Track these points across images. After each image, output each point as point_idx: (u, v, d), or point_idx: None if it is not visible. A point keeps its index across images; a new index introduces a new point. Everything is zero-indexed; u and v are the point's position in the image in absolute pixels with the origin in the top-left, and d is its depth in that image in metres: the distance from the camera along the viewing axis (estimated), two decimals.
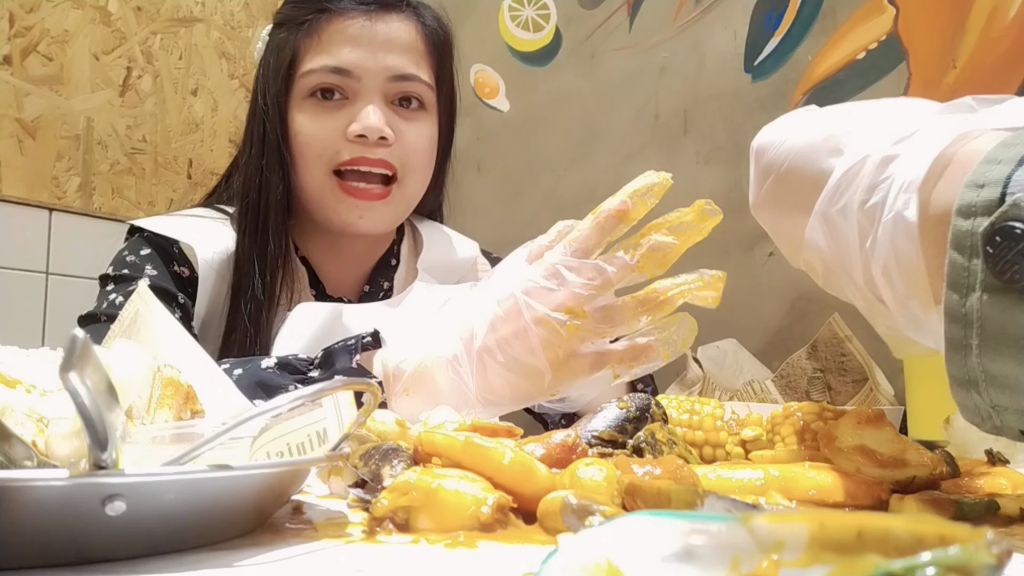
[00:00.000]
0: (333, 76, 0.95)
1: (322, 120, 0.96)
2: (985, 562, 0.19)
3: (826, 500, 0.45)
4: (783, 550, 0.22)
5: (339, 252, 1.05)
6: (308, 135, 0.96)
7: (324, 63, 0.95)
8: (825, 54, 1.38)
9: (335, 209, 0.97)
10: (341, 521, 0.41)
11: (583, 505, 0.36)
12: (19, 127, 1.53)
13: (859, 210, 0.42)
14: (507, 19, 1.77)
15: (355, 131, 0.94)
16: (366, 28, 0.96)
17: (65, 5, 1.59)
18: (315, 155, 0.96)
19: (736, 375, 1.24)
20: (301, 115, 0.96)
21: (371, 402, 0.42)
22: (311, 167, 0.96)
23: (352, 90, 0.96)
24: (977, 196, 0.35)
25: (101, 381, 0.30)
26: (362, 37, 0.96)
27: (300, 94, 0.97)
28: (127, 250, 0.97)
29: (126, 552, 0.32)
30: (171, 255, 0.96)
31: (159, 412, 0.46)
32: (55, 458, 0.37)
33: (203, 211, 1.02)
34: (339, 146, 0.95)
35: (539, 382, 0.66)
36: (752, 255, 1.42)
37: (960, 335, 0.36)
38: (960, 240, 0.35)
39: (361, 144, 0.95)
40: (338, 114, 0.96)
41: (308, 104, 0.96)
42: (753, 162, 0.51)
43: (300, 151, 0.96)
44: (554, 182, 1.69)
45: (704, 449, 0.59)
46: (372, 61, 0.95)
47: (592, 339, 0.66)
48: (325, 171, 0.96)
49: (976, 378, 0.36)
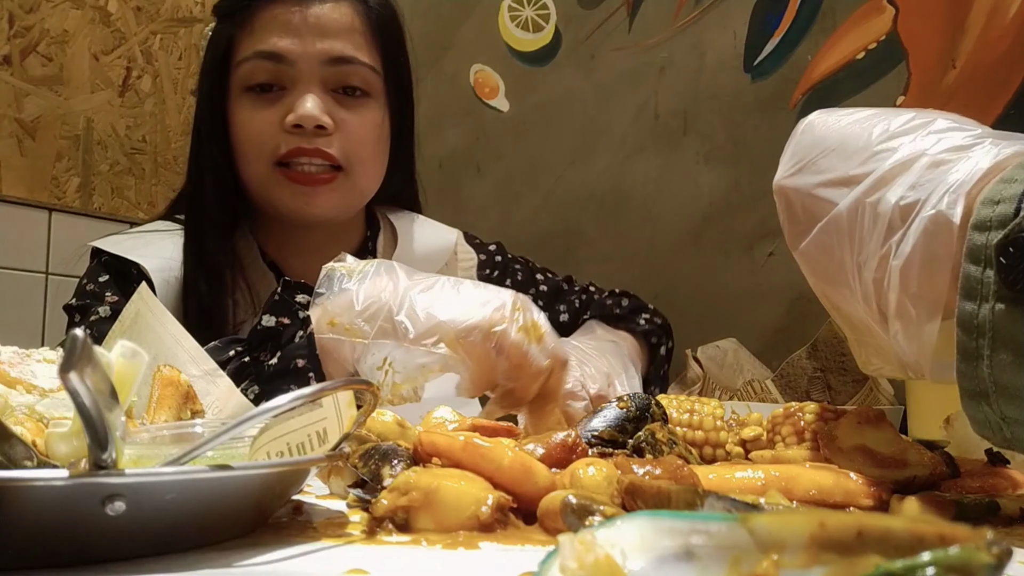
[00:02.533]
0: (266, 63, 0.92)
1: (260, 112, 0.93)
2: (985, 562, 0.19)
3: (826, 500, 0.45)
4: (783, 550, 0.22)
5: (301, 244, 1.01)
6: (247, 129, 0.94)
7: (256, 49, 0.93)
8: (825, 54, 1.38)
9: (281, 197, 0.94)
10: (341, 521, 0.41)
11: (583, 505, 0.36)
12: (19, 127, 1.53)
13: (895, 205, 0.42)
14: (507, 19, 1.77)
15: (291, 121, 0.91)
16: (298, 13, 0.93)
17: (65, 5, 1.59)
18: (255, 149, 0.93)
19: (736, 375, 1.24)
20: (240, 109, 0.94)
21: (371, 402, 0.42)
22: (253, 162, 0.94)
23: (288, 78, 0.93)
24: (993, 212, 0.37)
25: (101, 381, 0.30)
26: (294, 22, 0.93)
27: (238, 87, 0.94)
28: (86, 278, 0.95)
29: (126, 552, 0.32)
30: (128, 276, 0.93)
31: (159, 412, 0.46)
32: (55, 458, 0.37)
33: (161, 224, 1.00)
34: (278, 139, 0.92)
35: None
36: (752, 255, 1.42)
37: (972, 345, 0.36)
38: (975, 253, 0.36)
39: (299, 135, 0.92)
40: (275, 106, 0.93)
41: (246, 97, 0.94)
42: (797, 137, 0.50)
43: (241, 147, 0.94)
44: (554, 182, 1.69)
45: (704, 449, 0.59)
46: (306, 46, 0.92)
47: None
48: (268, 164, 0.93)
49: (987, 389, 0.36)
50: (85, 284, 0.95)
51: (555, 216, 1.67)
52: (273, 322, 0.76)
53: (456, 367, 0.64)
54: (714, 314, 1.43)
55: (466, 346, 0.63)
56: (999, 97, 1.22)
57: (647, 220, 1.55)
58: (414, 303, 0.64)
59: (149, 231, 0.99)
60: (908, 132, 0.45)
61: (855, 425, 0.50)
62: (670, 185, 1.52)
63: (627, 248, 1.56)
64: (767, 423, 0.59)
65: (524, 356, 0.64)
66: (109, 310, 0.90)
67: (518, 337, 0.63)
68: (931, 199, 0.41)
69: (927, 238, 0.40)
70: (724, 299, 1.45)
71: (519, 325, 0.64)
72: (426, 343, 0.63)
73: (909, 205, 0.42)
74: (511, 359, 0.63)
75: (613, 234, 1.59)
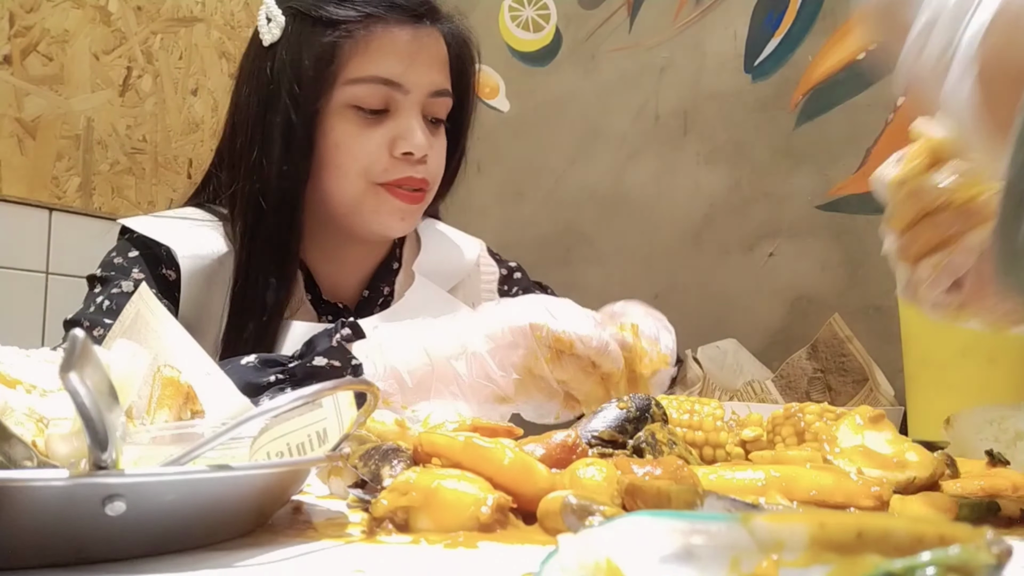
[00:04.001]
0: (382, 87, 0.92)
1: (365, 133, 0.92)
2: (985, 562, 0.19)
3: (827, 500, 0.45)
4: (783, 550, 0.22)
5: (342, 257, 1.02)
6: (350, 148, 0.92)
7: (374, 73, 0.91)
8: (825, 55, 1.38)
9: (376, 212, 0.94)
10: (341, 521, 0.41)
11: (583, 505, 0.36)
12: (19, 127, 1.53)
13: None
14: (507, 19, 1.77)
15: (403, 149, 0.92)
16: (415, 40, 0.93)
17: (65, 5, 1.59)
18: (358, 168, 0.93)
19: (736, 375, 1.24)
20: (342, 124, 0.92)
21: (371, 402, 0.42)
22: (351, 179, 0.93)
23: (395, 103, 0.93)
24: None
25: (101, 381, 0.30)
26: (411, 49, 0.92)
27: (340, 102, 0.92)
28: (115, 252, 0.95)
29: (126, 552, 0.32)
30: (158, 258, 0.93)
31: (159, 412, 0.46)
32: (55, 458, 0.37)
33: (193, 211, 0.99)
34: (384, 163, 0.93)
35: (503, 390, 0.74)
36: (752, 255, 1.42)
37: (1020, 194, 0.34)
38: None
39: (406, 161, 0.93)
40: (380, 128, 0.93)
41: (349, 114, 0.92)
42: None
43: (339, 162, 0.93)
44: (554, 182, 1.69)
45: (704, 449, 0.59)
46: (419, 76, 0.93)
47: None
48: (366, 184, 0.93)
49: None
50: (113, 257, 0.94)
51: (555, 216, 1.67)
52: (324, 363, 0.77)
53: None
54: (714, 314, 1.43)
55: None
56: None
57: (647, 220, 1.55)
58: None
59: (182, 217, 0.98)
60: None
61: (855, 425, 0.50)
62: (670, 185, 1.52)
63: (627, 248, 1.56)
64: (767, 424, 0.59)
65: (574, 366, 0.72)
66: (132, 286, 0.89)
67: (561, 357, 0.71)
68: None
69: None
70: (724, 299, 1.45)
71: (547, 345, 0.72)
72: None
73: None
74: (571, 378, 0.72)
75: (613, 234, 1.59)
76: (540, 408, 0.75)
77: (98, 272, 0.94)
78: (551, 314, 0.73)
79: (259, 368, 0.76)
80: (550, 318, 0.72)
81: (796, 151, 1.40)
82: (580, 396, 0.74)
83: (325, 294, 1.02)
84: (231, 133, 0.98)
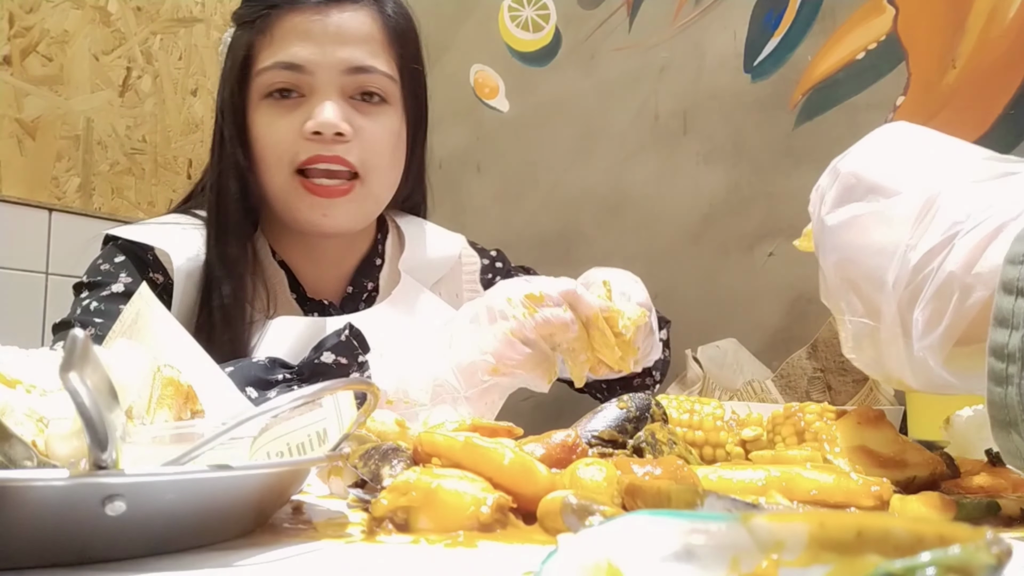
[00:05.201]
0: (286, 73, 0.93)
1: (279, 120, 0.94)
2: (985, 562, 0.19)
3: (827, 500, 0.45)
4: (783, 550, 0.22)
5: (315, 254, 1.03)
6: (267, 137, 0.94)
7: (276, 59, 0.93)
8: (825, 54, 1.38)
9: (299, 208, 0.95)
10: (341, 521, 0.41)
11: (583, 505, 0.36)
12: (19, 127, 1.53)
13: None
14: (507, 19, 1.77)
15: (310, 128, 0.92)
16: (318, 21, 0.94)
17: (65, 5, 1.59)
18: (275, 157, 0.94)
19: (736, 375, 1.24)
20: (259, 116, 0.95)
21: (371, 402, 0.42)
22: (273, 169, 0.95)
23: (307, 86, 0.94)
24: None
25: (101, 381, 0.30)
26: (314, 31, 0.93)
27: (257, 94, 0.95)
28: (101, 258, 0.95)
29: (126, 552, 0.32)
30: (145, 262, 0.94)
31: (159, 412, 0.46)
32: (55, 458, 0.37)
33: (178, 217, 1.00)
34: (298, 146, 0.93)
35: None
36: (752, 255, 1.42)
37: (1002, 371, 0.38)
38: (1008, 284, 0.39)
39: (318, 141, 0.92)
40: (295, 113, 0.94)
41: (265, 104, 0.95)
42: (842, 182, 0.52)
43: (261, 154, 0.95)
44: (554, 182, 1.69)
45: (704, 449, 0.59)
46: (325, 55, 0.93)
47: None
48: (288, 172, 0.94)
49: (1016, 418, 0.37)
50: (100, 264, 0.95)
51: (555, 216, 1.67)
52: (331, 359, 0.77)
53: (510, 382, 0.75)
54: (714, 314, 1.43)
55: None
56: (999, 97, 1.22)
57: (647, 220, 1.55)
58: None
59: (168, 223, 0.99)
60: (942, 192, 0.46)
61: (855, 425, 0.50)
62: (670, 185, 1.52)
63: (627, 248, 1.56)
64: (767, 423, 0.59)
65: (550, 324, 0.73)
66: (122, 287, 0.91)
67: (529, 320, 0.73)
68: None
69: None
70: (724, 299, 1.45)
71: (522, 312, 0.73)
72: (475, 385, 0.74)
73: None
74: (547, 337, 0.73)
75: (613, 234, 1.59)
76: (529, 377, 0.76)
77: (84, 279, 0.94)
78: (519, 283, 0.76)
79: (268, 367, 0.77)
80: (521, 284, 0.76)
81: (796, 151, 1.40)
82: (566, 346, 0.75)
83: (309, 292, 1.03)
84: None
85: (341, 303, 1.04)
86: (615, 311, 0.76)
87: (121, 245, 0.95)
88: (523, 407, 0.80)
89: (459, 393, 0.73)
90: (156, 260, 0.95)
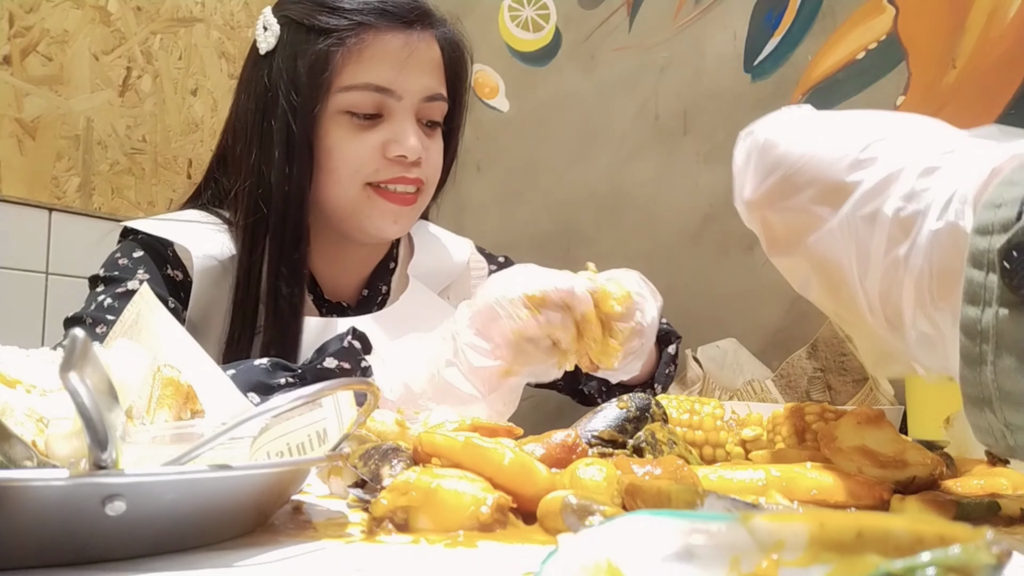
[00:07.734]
0: (375, 94, 0.94)
1: (359, 137, 0.94)
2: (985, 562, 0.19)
3: (827, 500, 0.45)
4: (783, 550, 0.22)
5: (343, 259, 1.04)
6: (343, 152, 0.94)
7: (366, 80, 0.93)
8: (825, 54, 1.38)
9: (370, 216, 0.96)
10: (341, 521, 0.41)
11: (583, 505, 0.36)
12: (19, 127, 1.53)
13: (893, 217, 0.42)
14: (507, 19, 1.77)
15: (396, 152, 0.94)
16: (407, 46, 0.95)
17: (65, 5, 1.59)
18: (351, 172, 0.95)
19: (736, 375, 1.24)
20: (336, 130, 0.95)
21: (371, 402, 0.42)
22: (345, 183, 0.95)
23: (389, 108, 0.95)
24: (995, 215, 0.36)
25: (101, 381, 0.30)
26: (403, 56, 0.94)
27: (335, 108, 0.94)
28: (119, 252, 0.95)
29: (126, 552, 0.32)
30: (164, 258, 0.94)
31: (159, 412, 0.46)
32: (55, 458, 0.37)
33: (196, 215, 1.00)
34: (377, 164, 0.95)
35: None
36: (752, 255, 1.42)
37: (975, 350, 0.36)
38: (977, 257, 0.36)
39: (399, 164, 0.95)
40: (373, 132, 0.95)
41: (343, 120, 0.94)
42: (757, 155, 0.50)
43: (334, 166, 0.95)
44: (554, 182, 1.69)
45: (704, 449, 0.59)
46: (411, 82, 0.95)
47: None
48: (360, 186, 0.95)
49: (990, 396, 0.36)
50: (118, 258, 0.94)
51: (555, 216, 1.67)
52: (334, 364, 0.78)
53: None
54: (714, 314, 1.43)
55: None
56: (999, 97, 1.22)
57: (647, 220, 1.55)
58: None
59: (188, 220, 0.99)
60: (882, 138, 0.44)
61: (855, 425, 0.50)
62: (670, 185, 1.52)
63: (627, 248, 1.56)
64: (767, 423, 0.59)
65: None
66: (138, 284, 0.90)
67: (524, 313, 0.73)
68: (932, 209, 0.40)
69: (941, 250, 0.40)
70: (724, 299, 1.45)
71: (522, 305, 0.74)
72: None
73: (909, 217, 0.41)
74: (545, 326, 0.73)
75: (613, 234, 1.59)
76: (539, 369, 0.77)
77: (101, 272, 0.94)
78: (515, 280, 0.76)
79: (270, 370, 0.77)
80: (518, 281, 0.76)
81: None
82: (565, 346, 0.75)
83: (327, 294, 1.04)
84: (232, 138, 1.00)
85: (356, 306, 1.05)
86: (603, 291, 0.77)
87: (140, 239, 0.95)
88: (523, 407, 0.79)
89: (477, 396, 0.74)
90: (175, 256, 0.94)
